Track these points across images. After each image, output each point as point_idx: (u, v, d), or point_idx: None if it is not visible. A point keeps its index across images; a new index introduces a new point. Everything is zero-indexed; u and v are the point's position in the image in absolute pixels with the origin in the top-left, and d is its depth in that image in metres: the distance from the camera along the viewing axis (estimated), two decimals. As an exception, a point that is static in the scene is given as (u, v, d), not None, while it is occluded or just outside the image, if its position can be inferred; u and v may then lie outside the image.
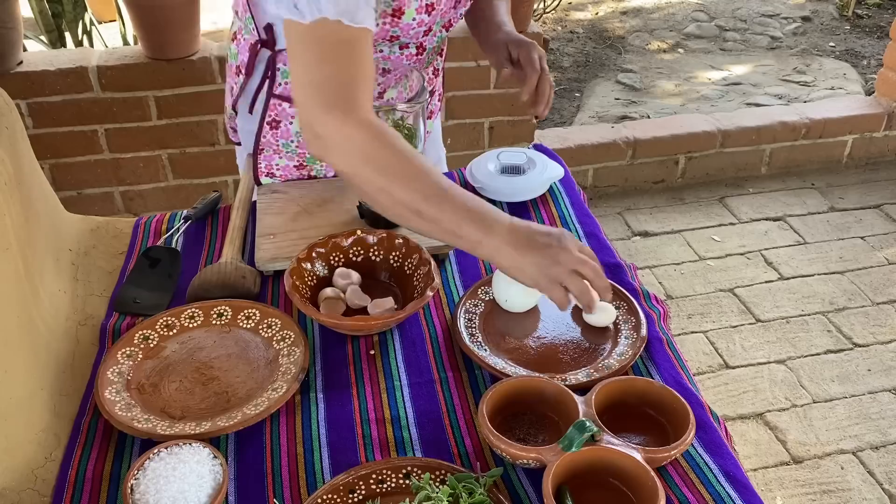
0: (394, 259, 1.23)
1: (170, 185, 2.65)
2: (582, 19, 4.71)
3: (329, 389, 1.08)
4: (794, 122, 3.17)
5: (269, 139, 1.38)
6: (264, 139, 1.38)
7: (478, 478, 0.92)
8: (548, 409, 1.02)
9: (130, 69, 2.39)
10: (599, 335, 1.15)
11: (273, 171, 1.42)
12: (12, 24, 2.30)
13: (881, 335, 2.46)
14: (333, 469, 0.97)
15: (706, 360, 2.36)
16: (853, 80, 4.07)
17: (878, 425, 2.16)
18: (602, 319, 1.15)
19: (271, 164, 1.41)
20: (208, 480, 0.91)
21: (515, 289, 1.15)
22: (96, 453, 0.99)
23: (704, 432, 1.00)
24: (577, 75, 4.11)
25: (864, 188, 3.18)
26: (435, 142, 1.62)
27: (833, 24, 4.68)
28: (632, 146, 3.03)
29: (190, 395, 1.06)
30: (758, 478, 2.01)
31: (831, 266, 2.75)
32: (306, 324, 1.18)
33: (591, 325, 1.16)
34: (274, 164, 1.41)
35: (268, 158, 1.41)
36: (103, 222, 1.39)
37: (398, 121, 1.21)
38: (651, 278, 2.69)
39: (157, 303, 1.22)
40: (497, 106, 2.75)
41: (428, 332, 1.17)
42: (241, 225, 1.33)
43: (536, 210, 1.41)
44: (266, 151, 1.40)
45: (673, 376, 1.08)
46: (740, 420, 2.17)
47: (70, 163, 2.52)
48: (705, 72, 4.18)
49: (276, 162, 1.41)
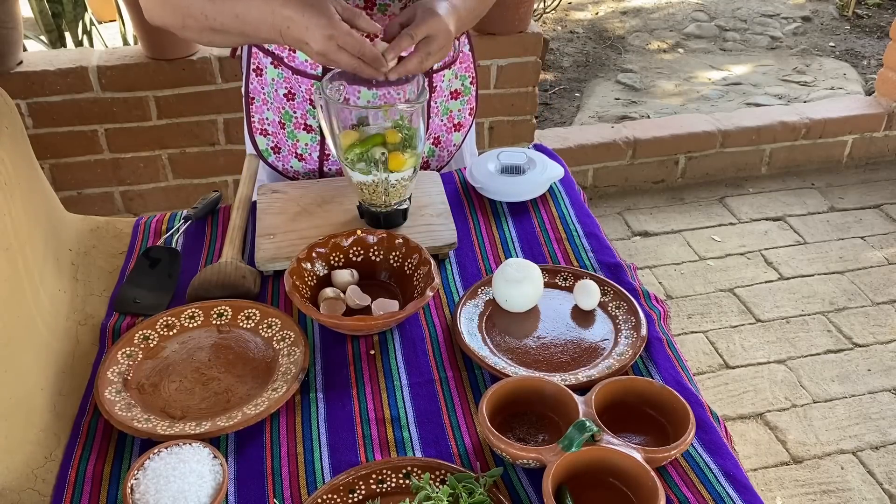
0: (394, 259, 1.23)
1: (170, 185, 2.65)
2: (582, 19, 4.71)
3: (329, 389, 1.08)
4: (794, 122, 3.17)
5: (256, 86, 1.41)
6: (252, 86, 1.42)
7: (478, 478, 0.92)
8: (548, 409, 1.02)
9: (130, 69, 2.39)
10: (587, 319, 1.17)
11: (265, 126, 1.45)
12: (12, 24, 2.30)
13: (881, 335, 2.46)
14: (333, 469, 0.97)
15: (706, 360, 2.37)
16: (853, 80, 4.07)
17: (878, 425, 2.16)
18: (588, 303, 1.17)
19: (263, 118, 1.44)
20: (208, 480, 0.91)
21: (515, 289, 1.16)
22: (96, 453, 0.99)
23: (704, 432, 1.00)
24: (577, 75, 4.11)
25: (864, 188, 3.19)
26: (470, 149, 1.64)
27: (833, 24, 4.68)
28: (632, 146, 3.04)
29: (190, 395, 1.06)
30: (758, 478, 2.01)
31: (831, 266, 2.75)
32: (306, 324, 1.18)
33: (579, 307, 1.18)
34: (264, 117, 1.44)
35: (259, 111, 1.44)
36: (103, 222, 1.39)
37: (398, 121, 1.21)
38: (651, 278, 2.69)
39: (157, 303, 1.22)
40: (497, 106, 2.75)
41: (428, 332, 1.17)
42: (241, 225, 1.33)
43: (536, 210, 1.41)
44: (256, 101, 1.43)
45: (673, 376, 1.08)
46: (740, 420, 2.17)
47: (70, 163, 2.53)
48: (705, 72, 4.18)
49: (265, 115, 1.43)
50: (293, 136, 1.43)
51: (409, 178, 1.25)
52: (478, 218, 1.40)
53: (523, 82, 2.72)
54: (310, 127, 1.41)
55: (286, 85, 1.38)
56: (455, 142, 1.54)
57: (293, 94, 1.39)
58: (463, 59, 1.49)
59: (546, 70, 4.10)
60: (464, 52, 1.48)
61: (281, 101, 1.41)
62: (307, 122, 1.41)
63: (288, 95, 1.39)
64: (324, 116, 1.21)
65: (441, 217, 1.33)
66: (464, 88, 1.50)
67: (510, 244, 1.34)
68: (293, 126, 1.42)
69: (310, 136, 1.42)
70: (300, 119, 1.41)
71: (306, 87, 1.37)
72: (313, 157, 1.45)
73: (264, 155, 1.47)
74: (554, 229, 1.37)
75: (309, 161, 1.45)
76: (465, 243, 1.34)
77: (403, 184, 1.25)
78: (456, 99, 1.50)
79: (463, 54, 1.48)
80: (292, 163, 1.46)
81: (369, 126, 1.22)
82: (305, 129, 1.42)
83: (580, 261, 1.30)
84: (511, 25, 2.60)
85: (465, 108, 1.52)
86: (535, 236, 1.35)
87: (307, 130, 1.42)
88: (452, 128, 1.52)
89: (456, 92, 1.49)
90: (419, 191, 1.37)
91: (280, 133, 1.44)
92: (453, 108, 1.50)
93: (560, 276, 1.24)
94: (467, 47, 1.49)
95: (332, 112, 1.19)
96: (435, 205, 1.35)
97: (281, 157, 1.46)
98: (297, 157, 1.45)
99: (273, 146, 1.46)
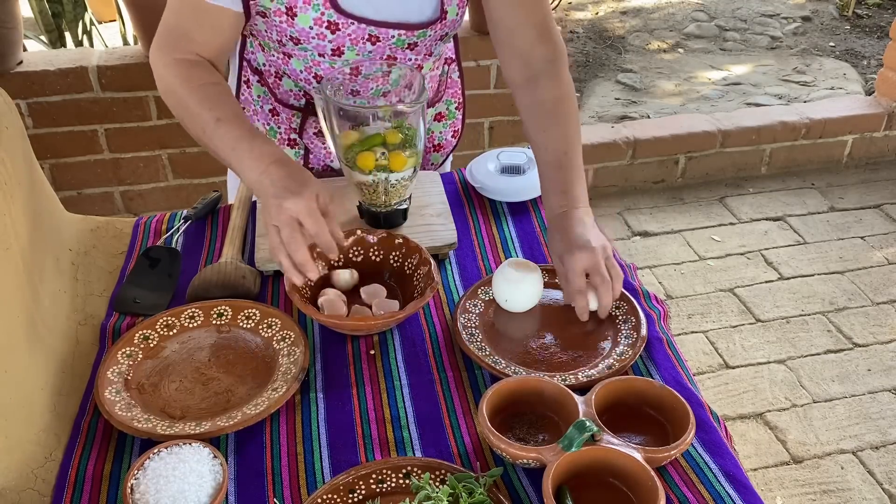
0: (394, 259, 1.23)
1: (170, 185, 2.65)
2: (582, 19, 4.71)
3: (329, 389, 1.08)
4: (794, 122, 3.17)
5: (247, 97, 1.41)
6: (243, 97, 1.42)
7: (478, 478, 0.92)
8: (548, 409, 1.02)
9: (130, 69, 2.39)
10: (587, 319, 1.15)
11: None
12: (12, 24, 2.30)
13: (881, 335, 2.46)
14: (333, 469, 0.97)
15: (706, 360, 2.37)
16: (853, 80, 4.07)
17: (878, 425, 2.16)
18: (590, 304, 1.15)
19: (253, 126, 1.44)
20: (208, 480, 0.91)
21: (515, 289, 1.16)
22: (96, 453, 0.99)
23: (704, 432, 1.00)
24: (577, 75, 4.11)
25: (864, 188, 3.19)
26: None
27: (833, 24, 4.68)
28: (632, 146, 3.04)
29: (190, 395, 1.06)
30: (758, 478, 2.01)
31: (831, 266, 2.75)
32: (306, 324, 1.18)
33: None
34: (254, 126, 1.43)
35: (250, 119, 1.43)
36: (103, 222, 1.39)
37: (398, 121, 1.21)
38: (651, 278, 2.69)
39: (157, 303, 1.22)
40: (497, 106, 2.75)
41: (428, 332, 1.17)
42: (241, 225, 1.33)
43: (536, 210, 1.41)
44: (246, 111, 1.43)
45: (673, 376, 1.08)
46: (740, 420, 2.17)
47: (70, 163, 2.52)
48: (705, 72, 4.18)
49: (255, 124, 1.43)
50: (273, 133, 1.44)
51: (409, 178, 1.25)
52: (478, 218, 1.40)
53: (523, 82, 2.72)
54: (293, 141, 1.42)
55: (272, 102, 1.39)
56: (433, 161, 1.54)
57: (277, 112, 1.39)
58: (451, 85, 1.49)
59: (546, 70, 4.10)
60: (451, 79, 1.49)
61: (266, 116, 1.41)
62: (290, 136, 1.41)
63: (273, 112, 1.40)
64: (324, 116, 1.21)
65: (441, 217, 1.33)
66: (448, 113, 1.51)
67: (510, 244, 1.34)
68: (278, 141, 1.42)
69: (293, 151, 1.43)
70: (284, 134, 1.42)
71: (287, 115, 1.39)
72: None
73: None
74: (554, 229, 1.37)
75: None
76: (465, 243, 1.34)
77: (403, 184, 1.25)
78: (439, 121, 1.50)
79: (451, 80, 1.49)
80: None
81: (369, 126, 1.22)
82: (289, 144, 1.42)
83: (580, 261, 1.29)
84: (511, 25, 2.60)
85: (448, 130, 1.53)
86: (535, 236, 1.35)
87: (291, 146, 1.43)
88: (432, 148, 1.52)
89: (440, 115, 1.50)
90: (419, 191, 1.37)
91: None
92: (435, 130, 1.51)
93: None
94: (456, 74, 1.49)
95: (333, 112, 1.19)
96: (435, 205, 1.35)
97: None
98: None
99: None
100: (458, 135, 1.54)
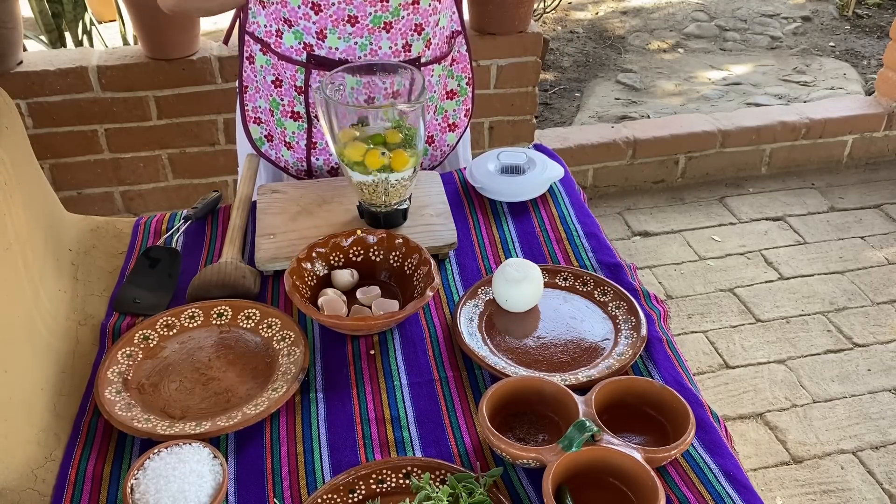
0: (394, 259, 1.23)
1: (170, 185, 2.65)
2: (582, 19, 4.71)
3: (329, 389, 1.08)
4: (794, 121, 3.17)
5: (249, 73, 1.42)
6: (245, 74, 1.43)
7: (478, 478, 0.92)
8: (548, 409, 1.02)
9: (130, 69, 2.39)
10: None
11: (259, 115, 1.47)
12: (12, 24, 2.30)
13: (881, 335, 2.46)
14: (333, 469, 0.97)
15: (706, 360, 2.36)
16: (853, 80, 4.07)
17: (878, 425, 2.16)
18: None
19: (256, 106, 1.46)
20: (208, 480, 0.91)
21: (515, 289, 1.16)
22: (96, 453, 0.99)
23: (704, 432, 1.00)
24: (577, 75, 4.11)
25: (864, 188, 3.18)
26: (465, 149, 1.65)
27: (833, 24, 4.68)
28: (632, 146, 3.03)
29: (190, 395, 1.06)
30: (758, 478, 2.01)
31: (831, 266, 2.75)
32: (306, 324, 1.18)
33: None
34: (257, 105, 1.45)
35: (252, 99, 1.45)
36: (103, 222, 1.39)
37: (399, 120, 1.21)
38: (651, 278, 2.69)
39: (157, 303, 1.22)
40: (497, 106, 2.75)
41: (428, 332, 1.17)
42: (241, 225, 1.33)
43: (536, 210, 1.41)
44: (249, 90, 1.44)
45: (673, 376, 1.08)
46: (740, 420, 2.17)
47: (70, 163, 2.52)
48: (705, 72, 4.18)
49: (258, 103, 1.45)
50: (281, 124, 1.44)
51: (409, 178, 1.25)
52: (478, 218, 1.40)
53: (523, 82, 2.72)
54: (297, 114, 1.42)
55: (274, 72, 1.39)
56: (449, 142, 1.54)
57: (280, 81, 1.40)
58: (459, 60, 1.49)
59: (546, 70, 4.10)
60: (460, 53, 1.48)
61: (269, 88, 1.42)
62: (294, 108, 1.42)
63: (275, 82, 1.40)
64: (324, 116, 1.21)
65: (441, 217, 1.33)
66: (460, 89, 1.50)
67: (510, 244, 1.34)
68: (280, 114, 1.43)
69: (297, 123, 1.43)
70: (287, 107, 1.42)
71: (291, 73, 1.38)
72: (301, 145, 1.45)
73: (258, 144, 1.48)
74: (554, 229, 1.37)
75: (297, 150, 1.46)
76: (465, 243, 1.34)
77: (403, 184, 1.25)
78: (451, 99, 1.50)
79: (460, 55, 1.48)
80: (283, 152, 1.47)
81: (369, 126, 1.22)
82: (293, 116, 1.42)
83: (580, 261, 1.30)
84: (511, 25, 2.60)
85: (461, 108, 1.52)
86: (535, 236, 1.35)
87: (294, 118, 1.43)
88: (447, 128, 1.52)
89: (452, 92, 1.49)
90: (419, 191, 1.37)
91: (271, 121, 1.46)
92: (448, 108, 1.50)
93: (560, 276, 1.24)
94: (464, 48, 1.49)
95: (332, 112, 1.19)
96: (435, 205, 1.35)
97: (273, 146, 1.48)
98: (287, 145, 1.46)
99: (266, 134, 1.47)
100: (470, 114, 1.55)
